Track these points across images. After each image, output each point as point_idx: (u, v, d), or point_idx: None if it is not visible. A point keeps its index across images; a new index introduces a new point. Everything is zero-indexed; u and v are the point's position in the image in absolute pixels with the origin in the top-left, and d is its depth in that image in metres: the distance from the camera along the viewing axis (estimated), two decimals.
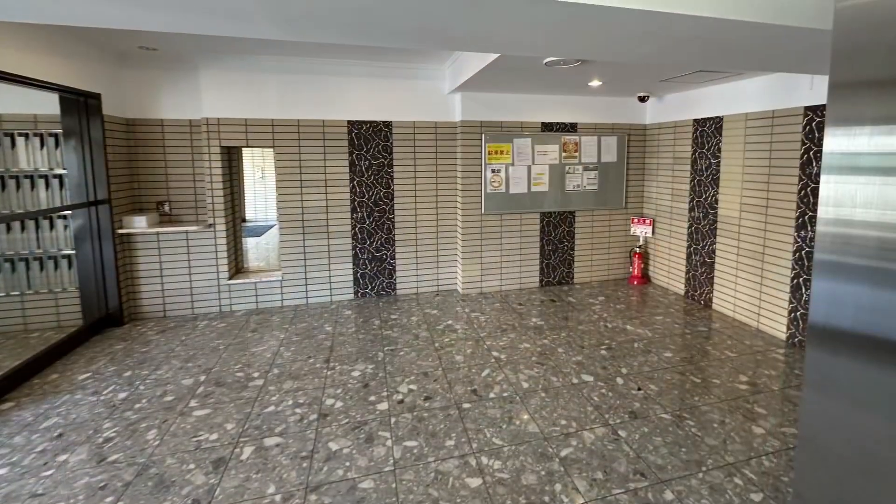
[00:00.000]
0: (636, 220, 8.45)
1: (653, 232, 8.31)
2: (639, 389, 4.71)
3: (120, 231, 6.28)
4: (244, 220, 15.17)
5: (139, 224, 6.33)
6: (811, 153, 5.45)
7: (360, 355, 5.49)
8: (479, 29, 3.04)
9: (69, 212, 6.04)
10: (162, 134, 6.70)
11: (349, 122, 7.16)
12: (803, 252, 5.61)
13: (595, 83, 6.59)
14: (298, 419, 4.21)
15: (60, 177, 6.26)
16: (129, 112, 6.54)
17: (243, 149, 8.10)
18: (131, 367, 5.19)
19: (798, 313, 5.69)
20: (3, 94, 5.86)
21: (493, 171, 7.63)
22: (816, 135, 5.38)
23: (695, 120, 7.26)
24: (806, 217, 5.54)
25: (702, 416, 4.25)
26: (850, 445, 1.13)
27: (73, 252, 6.23)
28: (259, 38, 3.22)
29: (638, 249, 8.39)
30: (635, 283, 8.38)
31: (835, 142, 1.10)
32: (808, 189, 5.48)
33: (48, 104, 5.91)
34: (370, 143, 7.28)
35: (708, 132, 7.00)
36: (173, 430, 4.07)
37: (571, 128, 8.01)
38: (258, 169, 15.49)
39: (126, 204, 6.48)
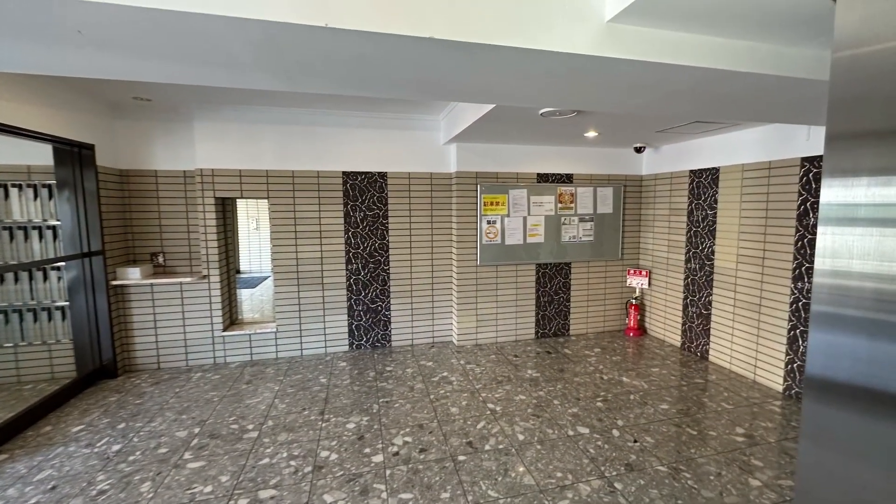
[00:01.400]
0: (632, 272, 8.57)
1: (649, 283, 8.42)
2: (635, 441, 4.77)
3: (114, 282, 6.37)
4: (238, 272, 15.24)
5: (133, 275, 6.42)
6: (808, 204, 5.58)
7: (355, 407, 5.55)
8: (474, 80, 3.12)
9: (63, 263, 6.09)
10: (156, 185, 6.81)
11: (344, 173, 7.30)
12: (800, 304, 5.71)
13: (591, 134, 6.73)
14: (293, 471, 4.27)
15: (54, 228, 6.36)
16: (123, 163, 6.67)
17: (238, 200, 8.18)
18: (125, 419, 5.25)
19: (795, 365, 5.78)
20: None
21: (488, 222, 7.75)
22: (813, 186, 5.51)
23: (691, 171, 7.41)
24: (803, 268, 5.65)
25: (698, 468, 4.32)
26: (847, 498, 1.15)
27: (67, 303, 6.31)
28: (254, 88, 3.28)
29: (634, 301, 8.49)
30: (631, 334, 8.47)
31: (832, 193, 1.13)
32: (805, 240, 5.60)
33: (42, 155, 6.01)
34: (365, 195, 7.41)
35: (704, 183, 7.13)
36: (167, 482, 4.13)
37: (567, 179, 8.16)
38: (253, 220, 15.57)
39: (120, 255, 6.58)
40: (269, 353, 7.29)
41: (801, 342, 5.72)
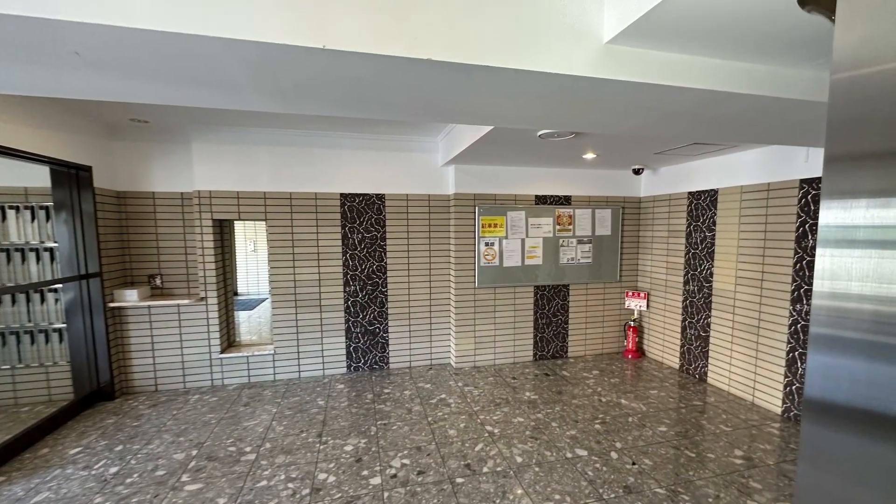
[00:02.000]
0: (630, 294, 8.62)
1: (647, 305, 8.47)
2: (633, 464, 4.81)
3: (111, 304, 6.41)
4: (236, 294, 15.27)
5: (130, 297, 6.47)
6: (807, 226, 5.64)
7: (352, 429, 5.58)
8: (472, 101, 3.13)
9: (60, 285, 6.14)
10: (153, 207, 6.87)
11: (342, 194, 7.36)
12: (799, 326, 5.75)
13: (589, 156, 6.78)
14: (291, 494, 4.30)
15: (51, 250, 6.40)
16: (121, 185, 6.73)
17: (235, 221, 8.21)
18: (122, 442, 5.29)
19: (794, 387, 5.81)
20: None
21: (486, 243, 7.81)
22: (812, 207, 5.58)
23: (689, 192, 7.48)
24: (801, 290, 5.70)
25: (697, 490, 4.35)
26: None
27: (65, 325, 6.34)
28: (251, 110, 3.27)
29: (632, 323, 8.54)
30: (630, 356, 8.51)
31: (830, 214, 1.09)
32: (804, 262, 5.66)
33: (39, 177, 6.07)
34: (363, 216, 7.47)
35: (703, 205, 7.20)
36: None
37: (565, 200, 8.23)
38: (250, 242, 15.62)
39: (117, 277, 6.63)
40: (266, 375, 7.32)
41: (799, 364, 5.76)
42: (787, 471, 4.68)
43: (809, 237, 5.58)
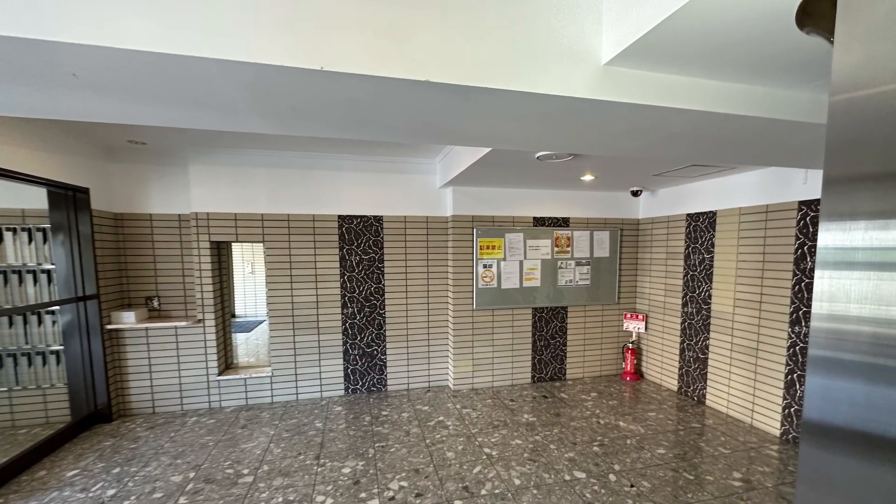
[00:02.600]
0: (629, 316, 8.67)
1: (646, 327, 8.51)
2: (632, 486, 4.83)
3: (108, 326, 6.45)
4: (234, 316, 15.24)
5: (128, 319, 6.50)
6: (805, 248, 5.69)
7: (350, 452, 5.60)
8: (470, 123, 3.14)
9: (57, 307, 6.16)
10: (151, 228, 6.92)
11: (339, 216, 7.41)
12: (797, 348, 5.79)
13: (588, 177, 6.84)
14: None
15: (48, 272, 6.44)
16: (118, 206, 6.79)
17: (233, 243, 8.24)
18: (120, 464, 5.31)
19: (792, 409, 5.84)
20: None
21: (484, 265, 7.86)
22: (810, 229, 5.64)
23: (688, 214, 7.54)
24: (800, 312, 5.74)
25: None
26: None
27: (62, 348, 6.38)
28: (248, 131, 3.27)
29: (631, 345, 8.58)
30: (628, 378, 8.54)
31: (829, 236, 1.09)
32: (803, 284, 5.71)
33: (36, 198, 6.12)
34: (361, 238, 7.52)
35: (701, 227, 7.26)
36: None
37: (564, 222, 8.29)
38: (248, 264, 15.60)
39: (115, 299, 6.67)
40: (264, 397, 7.33)
41: (798, 386, 5.79)
42: (786, 493, 4.71)
43: (808, 259, 5.63)
